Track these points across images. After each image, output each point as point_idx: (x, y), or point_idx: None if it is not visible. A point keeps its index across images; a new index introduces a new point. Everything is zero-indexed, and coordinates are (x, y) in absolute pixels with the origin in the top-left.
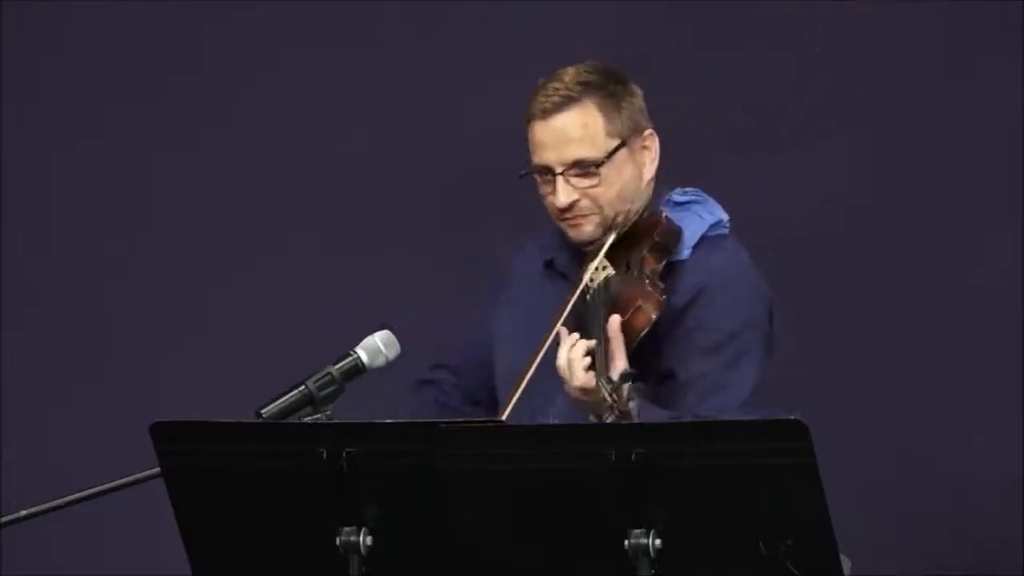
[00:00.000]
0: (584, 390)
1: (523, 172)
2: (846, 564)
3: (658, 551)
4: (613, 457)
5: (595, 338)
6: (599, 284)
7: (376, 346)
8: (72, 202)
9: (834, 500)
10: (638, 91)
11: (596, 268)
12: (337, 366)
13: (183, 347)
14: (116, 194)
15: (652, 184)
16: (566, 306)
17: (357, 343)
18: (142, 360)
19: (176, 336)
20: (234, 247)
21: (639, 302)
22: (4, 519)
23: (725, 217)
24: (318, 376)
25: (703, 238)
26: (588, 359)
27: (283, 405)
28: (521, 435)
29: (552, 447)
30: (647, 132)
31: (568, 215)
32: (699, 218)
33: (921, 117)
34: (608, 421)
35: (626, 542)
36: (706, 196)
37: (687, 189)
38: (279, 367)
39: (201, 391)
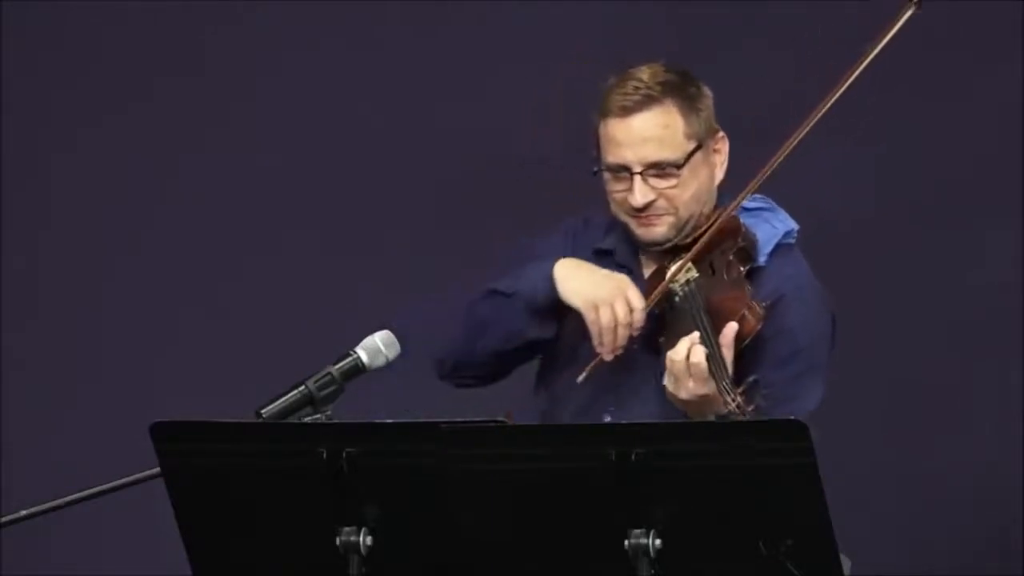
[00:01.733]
0: (702, 395)
1: (596, 169)
2: (846, 564)
3: (658, 551)
4: (613, 457)
5: (704, 344)
6: (693, 286)
7: (376, 346)
8: (72, 202)
9: (834, 500)
10: (710, 93)
11: (682, 268)
12: (337, 366)
13: (183, 347)
14: (116, 194)
15: (717, 189)
16: (651, 302)
17: (357, 343)
18: (142, 360)
19: (176, 336)
20: (234, 247)
21: (744, 311)
22: (4, 519)
23: (796, 227)
24: (318, 376)
25: (777, 246)
26: (704, 365)
27: (283, 405)
28: (521, 435)
29: (552, 447)
30: (719, 135)
31: (642, 214)
32: (771, 226)
33: (921, 117)
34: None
35: (626, 542)
36: (775, 204)
37: (756, 195)
38: (279, 367)
39: (201, 391)
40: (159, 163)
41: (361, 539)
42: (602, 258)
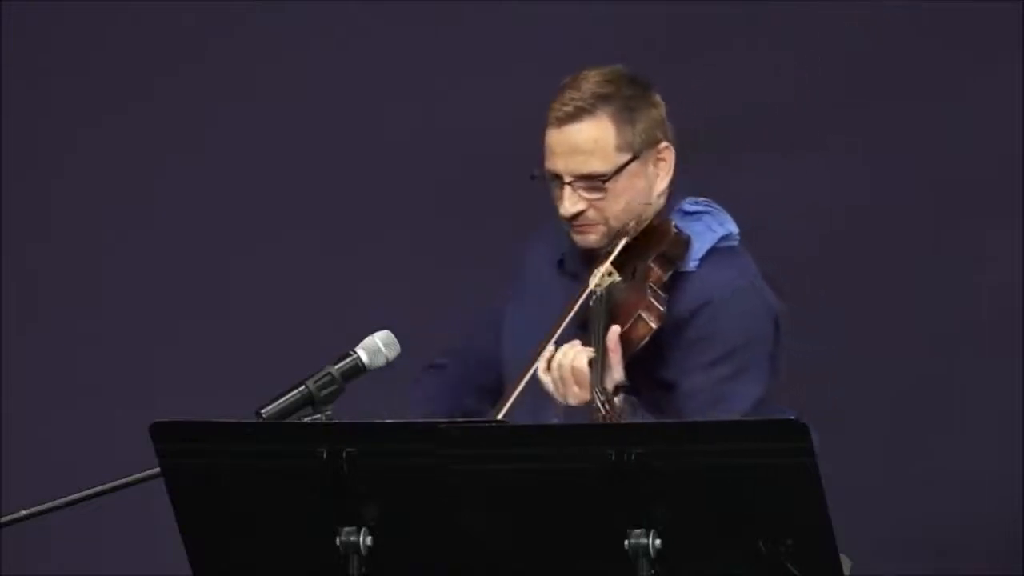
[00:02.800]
0: (587, 400)
1: (534, 174)
2: (846, 564)
3: (658, 551)
4: (613, 457)
5: (594, 346)
6: (603, 291)
7: (376, 346)
8: (72, 201)
9: (834, 500)
10: (660, 102)
11: (602, 274)
12: (337, 366)
13: (183, 347)
14: (116, 194)
15: (666, 194)
16: (570, 310)
17: (357, 343)
18: (142, 360)
19: (176, 336)
20: (234, 247)
21: (640, 312)
22: (4, 519)
23: (735, 230)
24: (318, 376)
25: (712, 250)
26: (585, 370)
27: (283, 405)
28: (521, 435)
29: (552, 447)
30: (662, 145)
31: (575, 223)
32: (709, 230)
33: (921, 118)
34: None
35: (626, 542)
36: (718, 207)
37: (699, 199)
38: (279, 367)
39: (201, 391)
40: (159, 163)
41: (361, 539)
42: (559, 268)
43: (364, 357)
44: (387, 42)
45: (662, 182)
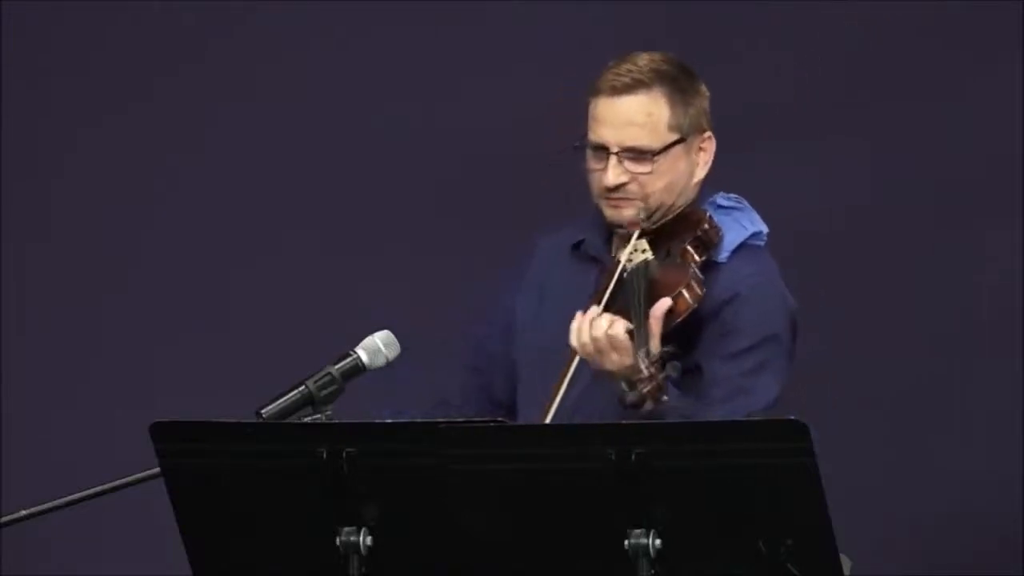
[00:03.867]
0: (628, 366)
1: (577, 144)
2: (846, 564)
3: (658, 551)
4: (613, 457)
5: (633, 317)
6: (639, 264)
7: (376, 346)
8: (72, 202)
9: (834, 500)
10: (706, 92)
11: (635, 250)
12: (337, 366)
13: (183, 347)
14: (116, 194)
15: (700, 186)
16: (608, 283)
17: (357, 343)
18: (142, 360)
19: (176, 336)
20: (234, 247)
21: (682, 289)
22: (4, 519)
23: (765, 229)
24: (318, 376)
25: (742, 245)
26: (623, 336)
27: (283, 405)
28: (521, 435)
29: (552, 447)
30: (706, 134)
31: (613, 195)
32: (741, 226)
33: (921, 117)
34: (637, 398)
35: (626, 542)
36: (748, 205)
37: (731, 195)
38: (279, 367)
39: (201, 391)
40: (159, 163)
41: (361, 539)
42: (575, 251)
43: (364, 357)
44: (387, 42)
45: (701, 171)
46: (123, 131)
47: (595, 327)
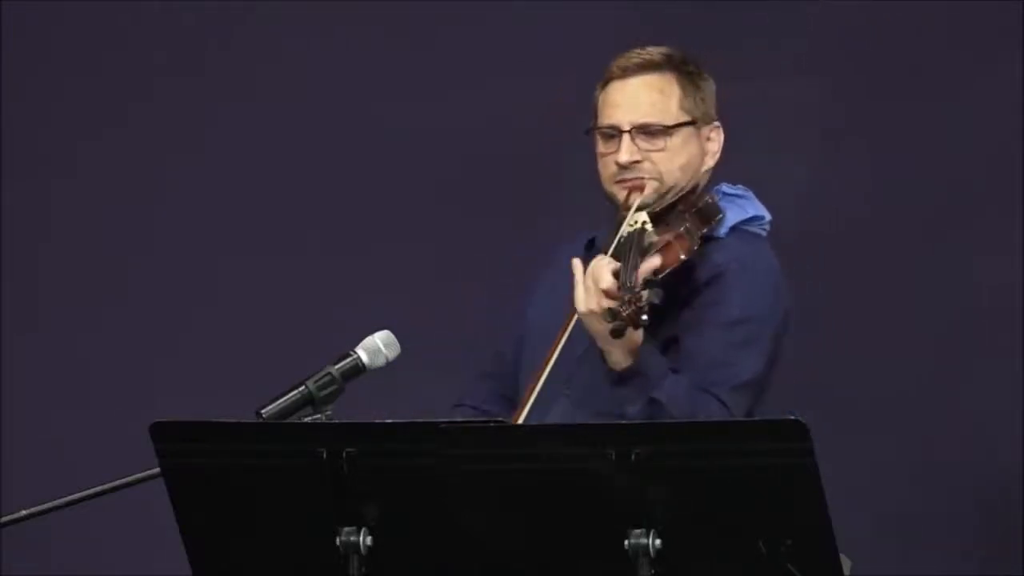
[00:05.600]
0: (605, 295)
1: (588, 129)
2: (846, 564)
3: (658, 551)
4: (613, 457)
5: (622, 264)
6: (636, 227)
7: (376, 346)
8: (73, 201)
9: (834, 500)
10: (713, 85)
11: (635, 221)
12: (337, 366)
13: (183, 347)
14: (116, 194)
15: (708, 176)
16: (607, 247)
17: (357, 343)
18: (142, 360)
19: (176, 336)
20: (234, 247)
21: (671, 240)
22: (4, 519)
23: (767, 217)
24: (318, 376)
25: (741, 227)
26: (609, 275)
27: (283, 405)
28: (521, 435)
29: (552, 447)
30: (715, 124)
31: (627, 175)
32: (742, 210)
33: (921, 117)
34: (618, 324)
35: (626, 542)
36: (752, 195)
37: (738, 185)
38: (279, 367)
39: (201, 391)
40: (159, 163)
41: (361, 539)
42: (588, 251)
43: (364, 357)
44: (387, 42)
45: (711, 159)
46: (123, 131)
47: (594, 268)
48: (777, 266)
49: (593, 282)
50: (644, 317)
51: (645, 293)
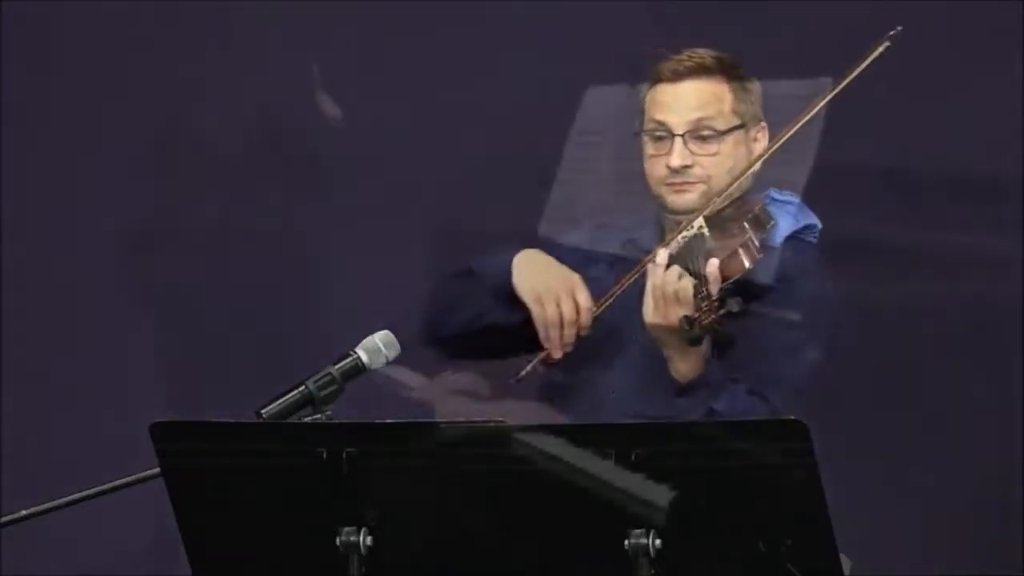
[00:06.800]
0: (679, 304)
1: (637, 131)
2: (846, 564)
3: (658, 551)
4: (613, 457)
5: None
6: (696, 234)
7: (376, 346)
8: (71, 200)
9: (834, 500)
10: (759, 85)
11: (691, 226)
12: (337, 366)
13: (183, 347)
14: (115, 192)
15: (753, 179)
16: (667, 242)
17: (357, 343)
18: (142, 360)
19: (175, 336)
20: (233, 247)
21: (738, 249)
22: (4, 519)
23: (819, 225)
24: (318, 376)
25: (796, 236)
26: (690, 290)
27: (283, 405)
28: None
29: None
30: (762, 124)
31: (676, 179)
32: (793, 218)
33: (921, 117)
34: (698, 331)
35: (626, 542)
36: (800, 202)
37: (785, 191)
38: (279, 367)
39: (201, 391)
40: (158, 163)
41: (361, 539)
42: (627, 246)
43: (364, 357)
44: (387, 42)
45: (758, 163)
46: (123, 131)
47: (663, 281)
48: (828, 276)
49: (663, 293)
50: (718, 327)
51: (724, 302)
